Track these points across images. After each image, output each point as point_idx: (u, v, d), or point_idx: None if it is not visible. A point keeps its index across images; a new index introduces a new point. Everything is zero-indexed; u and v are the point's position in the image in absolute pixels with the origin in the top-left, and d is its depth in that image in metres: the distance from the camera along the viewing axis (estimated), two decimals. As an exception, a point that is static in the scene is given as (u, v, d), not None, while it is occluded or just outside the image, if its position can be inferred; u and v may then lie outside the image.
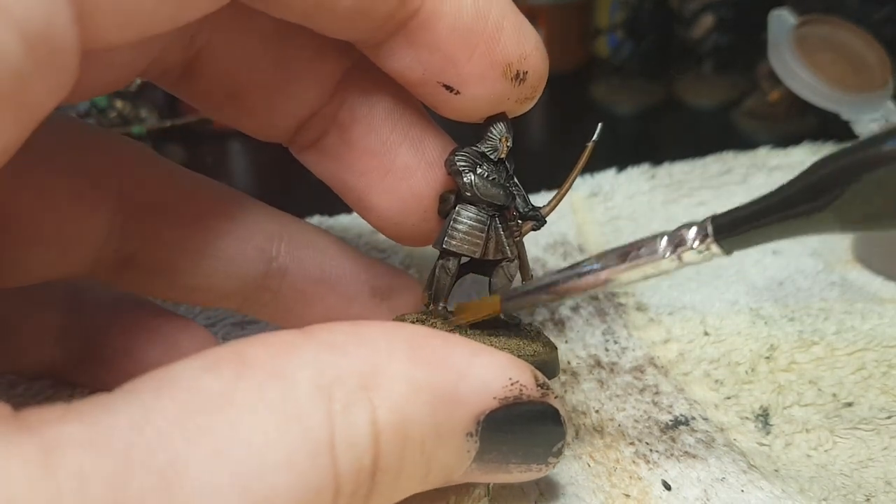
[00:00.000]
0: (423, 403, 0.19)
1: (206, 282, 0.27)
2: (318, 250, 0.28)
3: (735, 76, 0.62)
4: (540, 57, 0.23)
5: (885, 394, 0.30)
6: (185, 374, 0.17)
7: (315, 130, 0.26)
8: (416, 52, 0.22)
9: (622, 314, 0.35)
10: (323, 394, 0.17)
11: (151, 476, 0.15)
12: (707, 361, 0.32)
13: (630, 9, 0.64)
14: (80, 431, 0.15)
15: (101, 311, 0.28)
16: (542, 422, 0.21)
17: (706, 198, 0.44)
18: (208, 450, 0.16)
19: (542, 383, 0.21)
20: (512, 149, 0.25)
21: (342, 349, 0.18)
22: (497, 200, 0.25)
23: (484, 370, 0.20)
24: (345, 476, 0.17)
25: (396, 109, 0.26)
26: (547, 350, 0.25)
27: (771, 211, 0.19)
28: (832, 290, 0.37)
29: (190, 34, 0.23)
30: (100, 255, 0.25)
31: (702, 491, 0.26)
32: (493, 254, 0.25)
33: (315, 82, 0.25)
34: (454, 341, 0.20)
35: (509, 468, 0.21)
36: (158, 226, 0.25)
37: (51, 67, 0.15)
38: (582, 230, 0.42)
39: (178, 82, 0.24)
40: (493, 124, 0.25)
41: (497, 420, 0.20)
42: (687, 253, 0.21)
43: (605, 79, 0.66)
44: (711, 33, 0.62)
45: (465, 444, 0.20)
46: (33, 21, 0.14)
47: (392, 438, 0.18)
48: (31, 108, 0.15)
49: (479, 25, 0.22)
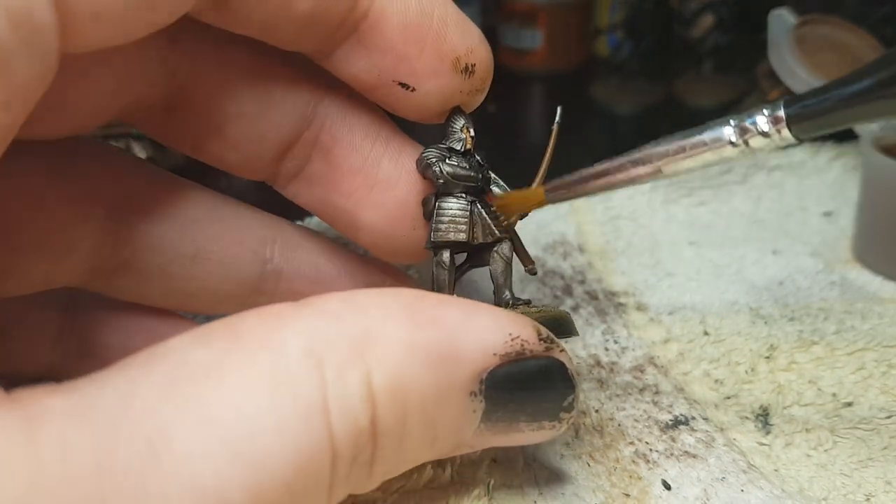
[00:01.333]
0: (421, 364, 0.18)
1: (201, 287, 0.27)
2: (312, 251, 0.29)
3: (735, 76, 0.62)
4: (485, 50, 0.24)
5: (885, 393, 0.30)
6: (175, 348, 0.17)
7: (299, 158, 0.26)
8: (370, 55, 0.23)
9: (622, 314, 0.35)
10: (314, 359, 0.17)
11: (138, 443, 0.15)
12: (707, 361, 0.32)
13: (630, 8, 0.64)
14: (64, 403, 0.15)
15: (97, 312, 0.28)
16: (549, 376, 0.21)
17: (706, 197, 0.44)
18: (196, 417, 0.16)
19: (546, 337, 0.21)
20: (476, 140, 0.26)
21: (335, 316, 0.18)
22: (471, 182, 0.25)
23: (482, 327, 0.20)
24: (341, 440, 0.17)
25: (373, 126, 0.26)
26: (559, 312, 0.25)
27: (851, 94, 0.19)
28: (832, 289, 0.37)
29: (171, 70, 0.23)
30: (93, 263, 0.25)
31: (702, 490, 0.26)
32: (483, 237, 0.26)
33: (294, 108, 0.25)
34: (449, 301, 0.20)
35: (520, 427, 0.21)
36: (151, 232, 0.25)
37: (33, 49, 0.15)
38: (582, 230, 0.42)
39: (162, 121, 0.25)
40: (453, 119, 0.26)
41: (500, 377, 0.20)
42: (755, 139, 0.20)
43: (605, 78, 0.66)
44: (711, 33, 0.62)
45: (469, 404, 0.20)
46: (14, 0, 0.15)
47: (389, 400, 0.18)
48: (18, 91, 0.16)
49: (426, 22, 0.23)
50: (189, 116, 0.24)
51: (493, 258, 0.26)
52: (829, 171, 0.47)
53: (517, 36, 0.67)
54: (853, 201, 0.41)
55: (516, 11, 0.67)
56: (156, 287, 0.26)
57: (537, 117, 0.65)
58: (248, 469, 0.16)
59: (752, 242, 0.40)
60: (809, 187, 0.45)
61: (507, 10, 0.67)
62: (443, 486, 0.26)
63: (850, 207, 0.43)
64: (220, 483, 0.16)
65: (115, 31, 0.18)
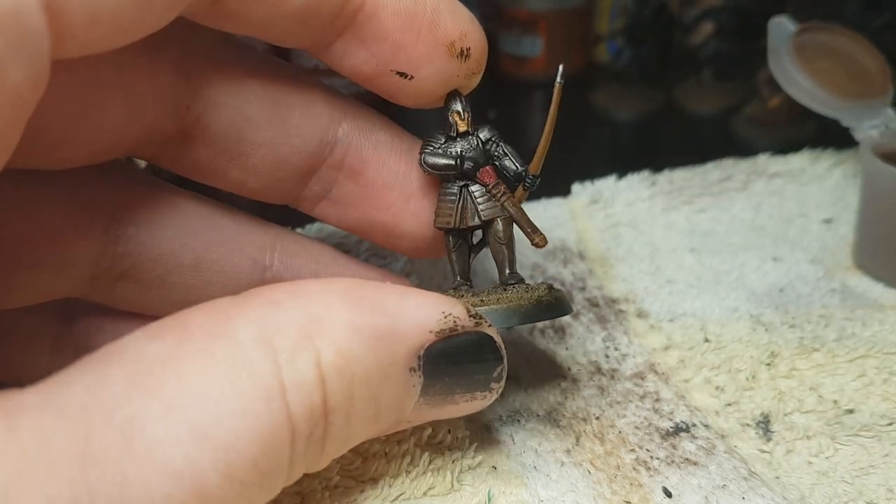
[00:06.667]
0: (363, 344, 0.20)
1: (201, 296, 0.27)
2: (311, 258, 0.29)
3: (735, 83, 0.62)
4: (478, 32, 0.25)
5: (886, 400, 0.30)
6: (129, 344, 0.18)
7: (324, 182, 0.27)
8: (367, 46, 0.24)
9: (623, 321, 0.35)
10: (267, 345, 0.18)
11: (112, 432, 0.16)
12: (708, 368, 0.32)
13: (630, 15, 0.64)
14: (38, 398, 0.16)
15: (95, 318, 0.28)
16: (480, 350, 0.23)
17: (706, 204, 0.44)
18: (162, 405, 0.17)
19: (474, 314, 0.22)
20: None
21: (281, 305, 0.19)
22: (449, 170, 0.26)
23: (417, 308, 0.21)
24: (298, 417, 0.18)
25: (394, 140, 0.27)
26: (552, 293, 0.26)
27: None
28: (833, 296, 0.37)
29: (185, 104, 0.24)
30: (93, 275, 0.25)
31: (702, 498, 0.25)
32: (471, 220, 0.26)
33: (313, 133, 0.26)
34: (385, 288, 0.21)
35: (455, 399, 0.23)
36: (150, 243, 0.26)
37: (24, 52, 0.16)
38: (582, 237, 0.42)
39: (180, 154, 0.25)
40: (449, 103, 0.26)
41: (436, 353, 0.22)
42: None
43: (605, 85, 0.66)
44: (711, 40, 0.62)
45: (409, 380, 0.21)
46: (2, 2, 0.15)
47: (338, 378, 0.19)
48: (9, 96, 0.16)
49: (419, 9, 0.23)
50: (208, 148, 0.25)
51: (490, 239, 0.27)
52: (829, 177, 0.47)
53: (517, 43, 0.67)
54: (853, 208, 0.41)
55: (516, 19, 0.67)
56: (156, 297, 0.27)
57: (538, 124, 0.65)
58: (218, 451, 0.17)
59: (753, 249, 0.40)
60: (809, 194, 0.45)
61: (508, 17, 0.67)
62: (442, 494, 0.26)
63: (850, 214, 0.43)
64: (193, 465, 0.17)
65: (108, 35, 0.18)
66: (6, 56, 0.15)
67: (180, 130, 0.24)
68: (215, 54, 0.24)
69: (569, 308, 0.26)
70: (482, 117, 0.26)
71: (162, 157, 0.25)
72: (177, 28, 0.20)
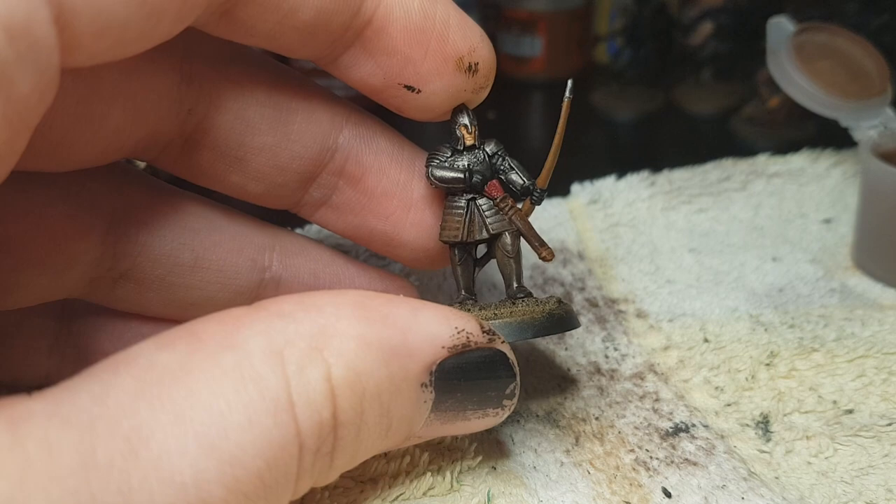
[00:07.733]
0: (375, 358, 0.19)
1: (201, 296, 0.27)
2: (310, 258, 0.29)
3: (734, 83, 0.62)
4: (487, 48, 0.25)
5: (886, 401, 0.30)
6: (140, 353, 0.18)
7: (325, 187, 0.27)
8: (375, 59, 0.23)
9: (622, 321, 0.35)
10: (276, 357, 0.18)
11: (117, 442, 0.16)
12: (707, 368, 0.32)
13: (629, 16, 0.64)
14: (44, 406, 0.16)
15: (94, 319, 0.28)
16: (492, 366, 0.22)
17: (706, 204, 0.44)
18: (170, 416, 0.16)
19: (488, 330, 0.22)
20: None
21: (291, 316, 0.19)
22: (457, 184, 0.26)
23: (429, 322, 0.21)
24: (307, 432, 0.18)
25: (396, 149, 0.27)
26: (562, 306, 0.25)
27: None
28: (832, 296, 0.37)
29: (187, 108, 0.24)
30: (93, 276, 0.25)
31: (702, 498, 0.25)
32: (479, 234, 0.26)
33: (314, 139, 0.26)
34: (397, 301, 0.21)
35: (467, 415, 0.22)
36: (150, 244, 0.26)
37: (33, 63, 0.15)
38: (582, 237, 0.42)
39: (182, 157, 0.25)
40: (452, 118, 0.26)
41: (448, 368, 0.21)
42: None
43: (605, 86, 0.66)
44: (710, 40, 0.62)
45: (421, 395, 0.21)
46: (13, 14, 0.15)
47: (348, 392, 0.19)
48: (18, 106, 0.16)
49: (429, 24, 0.23)
50: (209, 152, 0.25)
51: (497, 252, 0.26)
52: (828, 177, 0.47)
53: (517, 44, 0.67)
54: (853, 208, 0.41)
55: (516, 19, 0.67)
56: (155, 297, 0.27)
57: (537, 125, 0.65)
58: (223, 463, 0.17)
59: (752, 249, 0.40)
60: (809, 194, 0.45)
61: (507, 17, 0.67)
62: (442, 494, 0.26)
63: (849, 214, 0.43)
64: (199, 477, 0.16)
65: (116, 46, 0.18)
66: (16, 67, 0.15)
67: (181, 134, 0.24)
68: (217, 59, 0.24)
69: (578, 322, 0.26)
70: (481, 117, 0.26)
71: (163, 160, 0.25)
72: (180, 33, 0.20)
